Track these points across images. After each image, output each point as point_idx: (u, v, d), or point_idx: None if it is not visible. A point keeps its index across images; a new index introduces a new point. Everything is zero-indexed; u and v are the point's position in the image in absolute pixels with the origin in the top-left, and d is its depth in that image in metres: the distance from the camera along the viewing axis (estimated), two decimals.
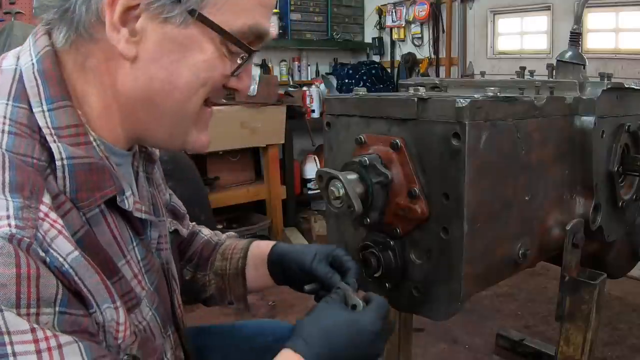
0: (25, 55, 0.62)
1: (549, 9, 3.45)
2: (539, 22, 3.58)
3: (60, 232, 0.54)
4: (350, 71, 4.31)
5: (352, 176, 0.86)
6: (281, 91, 3.60)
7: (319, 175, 0.88)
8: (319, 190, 0.92)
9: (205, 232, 1.02)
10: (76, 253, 0.56)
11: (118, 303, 0.61)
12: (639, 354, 2.13)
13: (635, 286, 2.66)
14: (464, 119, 0.77)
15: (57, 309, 0.52)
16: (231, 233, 1.05)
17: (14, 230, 0.49)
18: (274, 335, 1.02)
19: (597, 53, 3.19)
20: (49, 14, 0.63)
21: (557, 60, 1.23)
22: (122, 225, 0.67)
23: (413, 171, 0.84)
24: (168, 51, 0.62)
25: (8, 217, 0.50)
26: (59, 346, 0.50)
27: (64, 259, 0.54)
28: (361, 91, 0.97)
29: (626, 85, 1.08)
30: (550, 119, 0.94)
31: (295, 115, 3.61)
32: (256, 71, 3.41)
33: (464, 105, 0.77)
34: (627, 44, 3.15)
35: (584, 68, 1.21)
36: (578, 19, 1.24)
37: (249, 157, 3.59)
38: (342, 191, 0.83)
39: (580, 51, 1.23)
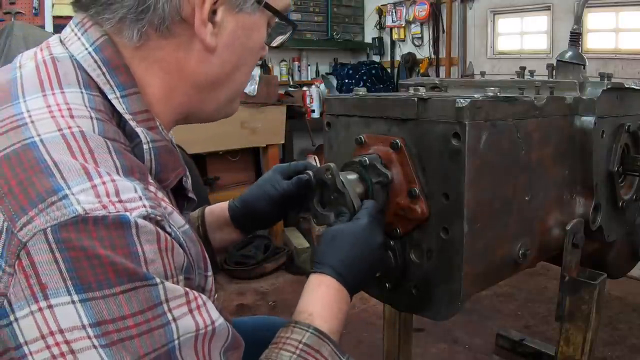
0: (76, 45, 0.63)
1: (549, 9, 3.45)
2: (539, 22, 3.58)
3: (172, 208, 0.58)
4: (350, 71, 4.31)
5: (352, 176, 0.86)
6: (281, 91, 3.60)
7: None
8: None
9: None
10: (187, 226, 0.60)
11: (209, 273, 0.65)
12: (639, 354, 2.13)
13: (635, 286, 2.66)
14: (464, 119, 0.77)
15: (184, 275, 0.56)
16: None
17: (149, 210, 0.51)
18: (271, 330, 1.02)
19: (597, 53, 3.19)
20: (114, 12, 0.62)
21: (557, 60, 1.23)
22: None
23: (413, 171, 0.84)
24: (239, 37, 0.68)
25: (140, 198, 0.52)
26: (204, 303, 0.55)
27: (179, 232, 0.57)
28: (361, 91, 0.97)
29: (626, 85, 1.07)
30: (550, 119, 0.94)
31: (295, 115, 3.61)
32: (256, 71, 3.41)
33: (464, 105, 0.77)
34: (627, 44, 3.15)
35: (584, 68, 1.21)
36: (578, 19, 1.24)
37: (249, 157, 3.58)
38: (341, 185, 0.83)
39: (580, 51, 1.23)
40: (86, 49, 0.62)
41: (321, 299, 0.74)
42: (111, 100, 0.61)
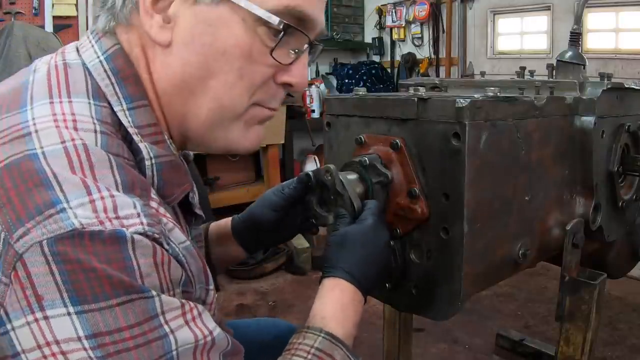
0: (89, 52, 0.62)
1: (549, 9, 3.45)
2: (539, 22, 3.59)
3: (174, 224, 0.57)
4: (350, 71, 4.31)
5: (352, 176, 0.86)
6: None
7: None
8: None
9: None
10: (187, 242, 0.59)
11: (211, 286, 0.64)
12: (639, 354, 2.13)
13: (635, 286, 2.66)
14: (464, 119, 0.77)
15: (182, 288, 0.55)
16: None
17: (146, 228, 0.51)
18: (273, 333, 1.02)
19: (597, 53, 3.19)
20: (95, 5, 0.63)
21: (557, 60, 1.23)
22: (181, 220, 0.70)
23: (413, 171, 0.84)
24: (199, 34, 0.60)
25: (138, 215, 0.51)
26: (199, 314, 0.55)
27: (179, 248, 0.56)
28: (361, 91, 0.97)
29: (626, 85, 1.07)
30: (550, 119, 0.93)
31: (295, 115, 3.61)
32: None
33: (464, 105, 0.77)
34: (627, 44, 3.15)
35: (584, 68, 1.21)
36: (578, 19, 1.24)
37: (249, 157, 3.58)
38: (341, 185, 0.83)
39: (580, 51, 1.23)
40: (98, 57, 0.61)
41: (335, 302, 0.73)
42: (117, 112, 0.59)
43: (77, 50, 0.63)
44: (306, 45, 0.65)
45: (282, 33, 0.61)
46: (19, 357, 0.47)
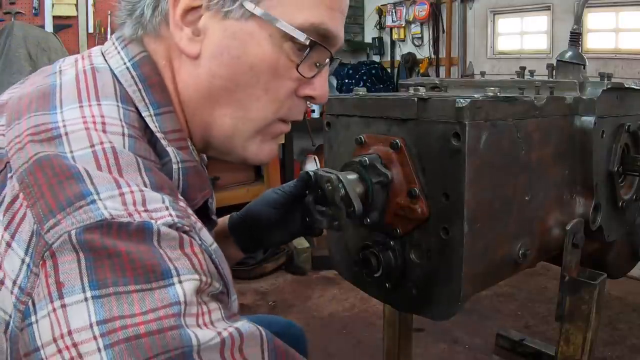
0: (115, 59, 0.63)
1: (549, 9, 3.45)
2: (539, 22, 3.59)
3: (202, 224, 0.57)
4: (350, 71, 4.31)
5: (352, 176, 0.86)
6: None
7: None
8: None
9: None
10: (215, 244, 0.58)
11: (236, 295, 0.63)
12: (639, 354, 2.13)
13: (635, 286, 2.66)
14: (464, 119, 0.77)
15: (220, 287, 0.52)
16: None
17: (175, 220, 0.50)
18: (272, 330, 1.02)
19: (597, 53, 3.20)
20: (121, 12, 0.65)
21: (557, 60, 1.23)
22: None
23: (413, 171, 0.84)
24: (228, 47, 0.62)
25: (167, 208, 0.51)
26: (224, 315, 0.51)
27: (210, 249, 0.55)
28: (361, 91, 0.97)
29: (626, 85, 1.07)
30: (550, 119, 0.93)
31: None
32: None
33: (464, 105, 0.77)
34: (627, 44, 3.16)
35: (584, 68, 1.21)
36: (578, 19, 1.24)
37: None
38: (342, 191, 0.83)
39: (580, 51, 1.23)
40: (124, 63, 0.63)
41: None
42: (144, 117, 0.61)
43: (103, 55, 0.64)
44: (327, 60, 0.67)
45: (308, 49, 0.63)
46: (37, 353, 0.46)
